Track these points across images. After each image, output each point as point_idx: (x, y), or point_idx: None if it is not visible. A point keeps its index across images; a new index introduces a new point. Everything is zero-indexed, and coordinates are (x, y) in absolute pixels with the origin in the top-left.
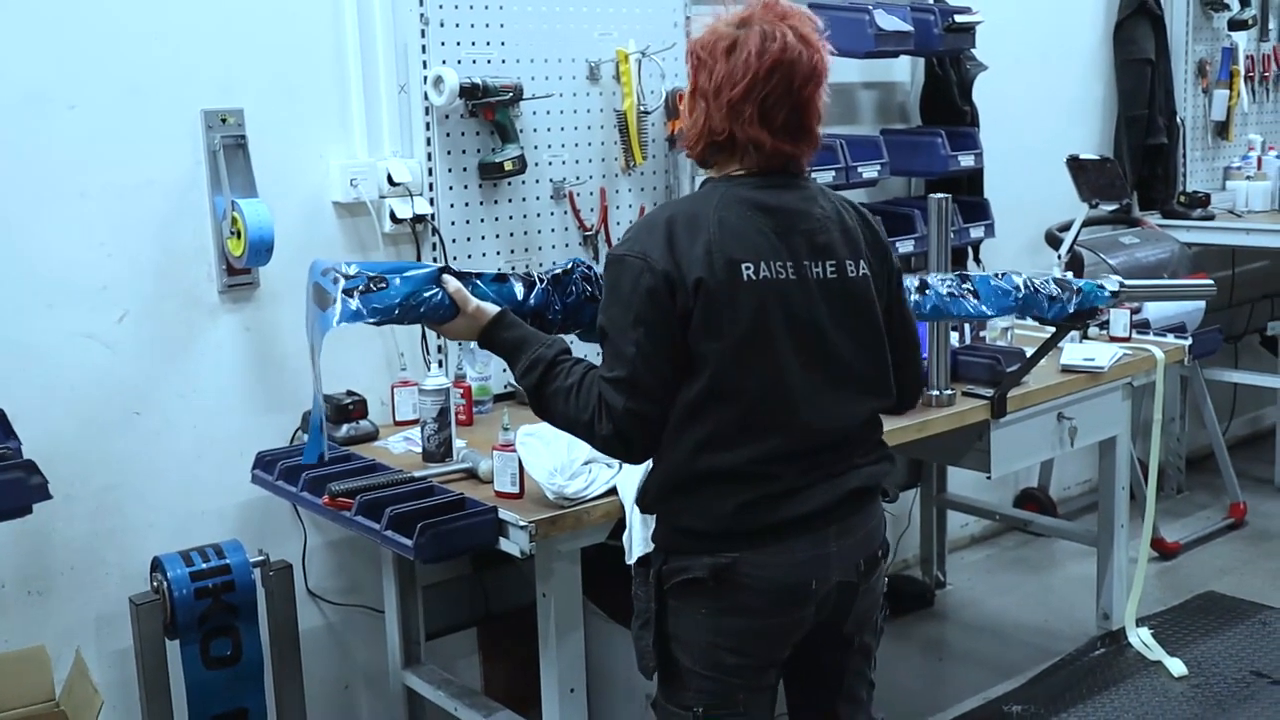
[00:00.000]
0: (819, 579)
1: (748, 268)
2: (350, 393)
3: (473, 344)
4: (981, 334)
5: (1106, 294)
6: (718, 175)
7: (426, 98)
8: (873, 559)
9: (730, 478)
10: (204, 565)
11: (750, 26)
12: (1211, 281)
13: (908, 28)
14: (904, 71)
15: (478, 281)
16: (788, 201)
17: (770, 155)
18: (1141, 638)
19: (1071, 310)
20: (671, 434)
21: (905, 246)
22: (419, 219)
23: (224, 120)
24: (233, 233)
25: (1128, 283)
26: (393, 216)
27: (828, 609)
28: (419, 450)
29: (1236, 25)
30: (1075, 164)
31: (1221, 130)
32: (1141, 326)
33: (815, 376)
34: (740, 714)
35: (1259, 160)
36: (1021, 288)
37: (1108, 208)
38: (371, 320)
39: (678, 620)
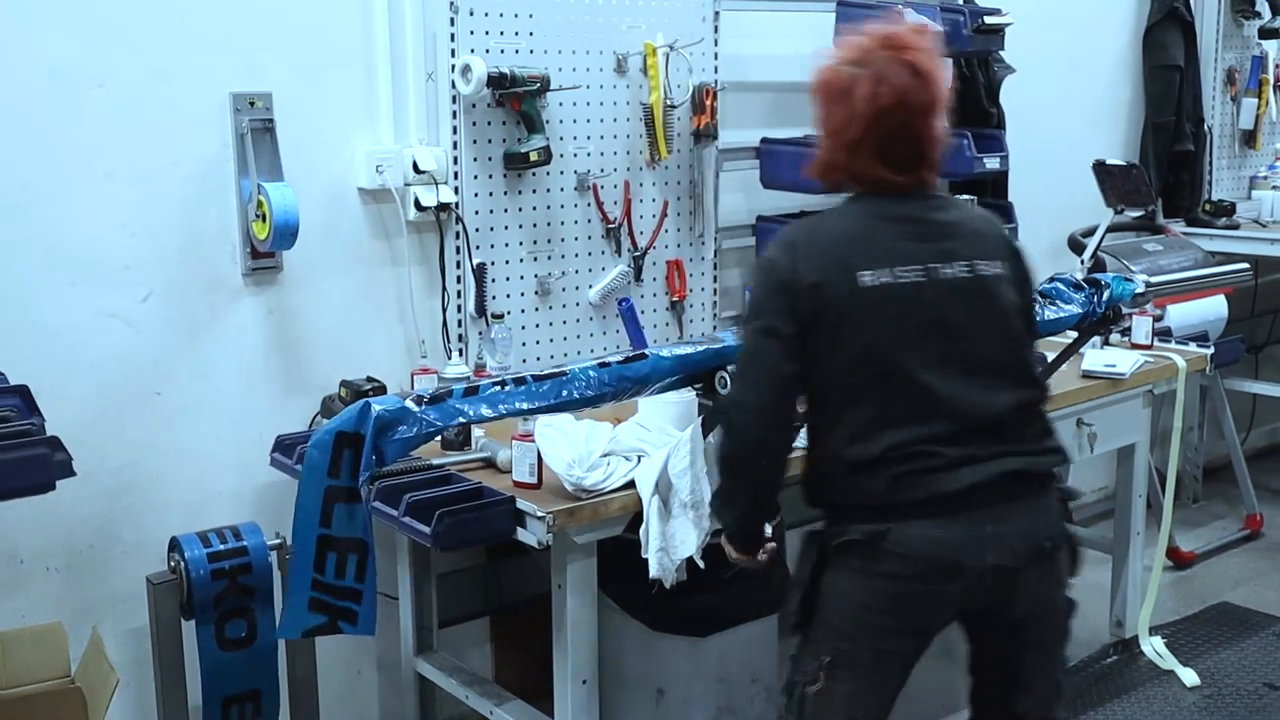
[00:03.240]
0: (970, 558)
1: (867, 275)
2: (370, 379)
3: (494, 332)
4: None
5: (1134, 288)
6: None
7: (454, 86)
8: (1037, 548)
9: (879, 463)
10: (221, 546)
11: (867, 66)
12: (1247, 265)
13: (937, 28)
14: None
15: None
16: (917, 212)
17: (891, 186)
18: (1154, 647)
19: (1100, 309)
20: (818, 432)
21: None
22: (443, 207)
23: (252, 103)
24: (258, 216)
25: (1154, 280)
26: (417, 204)
27: (984, 591)
28: (438, 438)
29: (1267, 33)
30: (1101, 169)
31: (1249, 139)
32: (1163, 334)
33: (951, 369)
34: (862, 673)
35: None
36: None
37: (1132, 214)
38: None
39: (834, 578)
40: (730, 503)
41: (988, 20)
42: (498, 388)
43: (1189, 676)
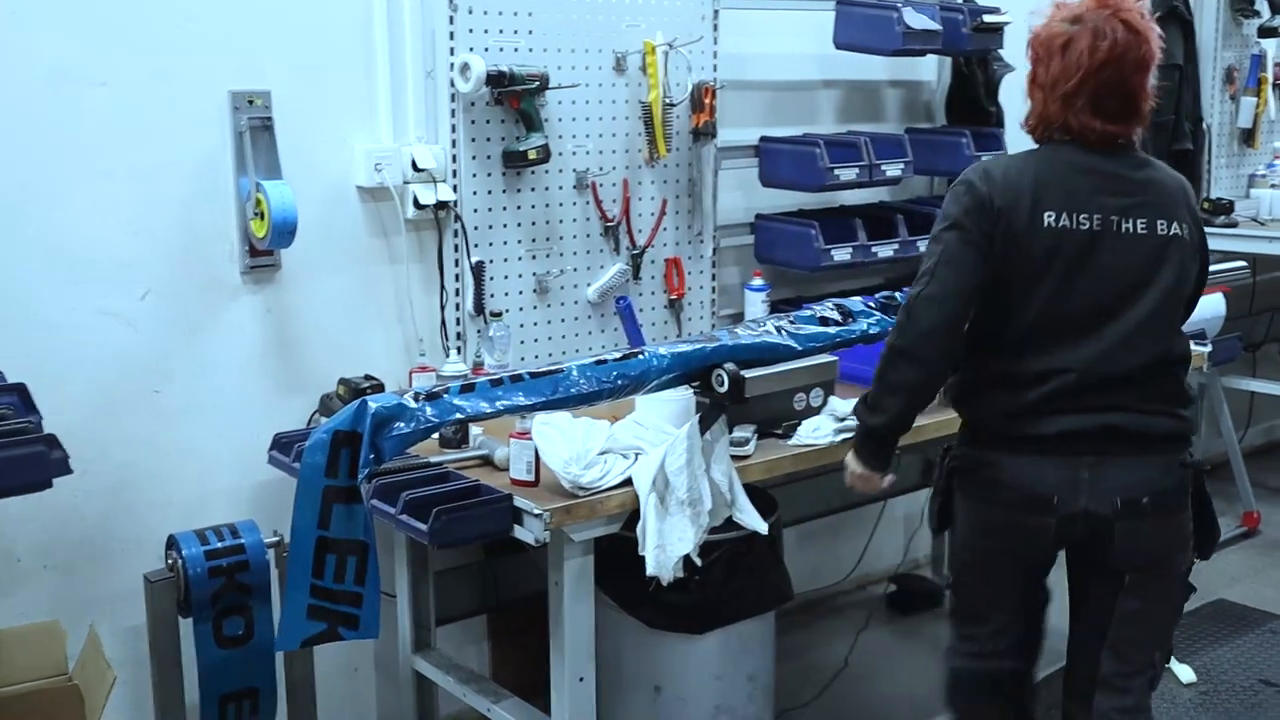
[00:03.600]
0: (1063, 497)
1: (1049, 215)
2: (368, 377)
3: (492, 330)
4: None
5: None
6: (1033, 133)
7: (453, 84)
8: (1134, 503)
9: (1004, 385)
10: (219, 544)
11: (1083, 23)
12: (1245, 263)
13: (936, 26)
14: (930, 70)
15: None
16: (1108, 166)
17: (1101, 136)
18: None
19: None
20: (975, 343)
21: (925, 245)
22: (442, 205)
23: (251, 101)
24: (256, 214)
25: None
26: (416, 202)
27: (1076, 532)
28: (435, 436)
29: (1267, 32)
30: None
31: (1248, 137)
32: None
33: (1097, 319)
34: (984, 580)
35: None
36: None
37: None
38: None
39: (958, 496)
40: (881, 403)
41: (986, 19)
42: (495, 384)
43: (1185, 673)
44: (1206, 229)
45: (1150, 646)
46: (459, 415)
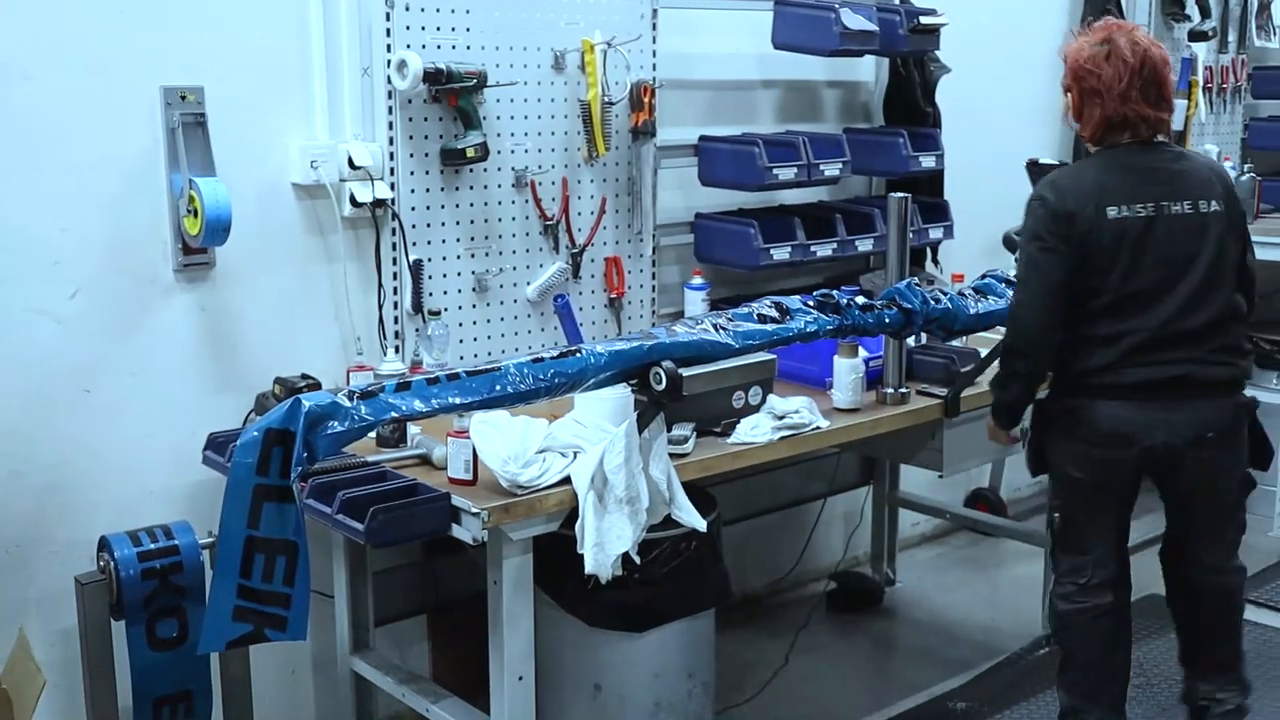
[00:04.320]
0: (1142, 433)
1: (1111, 209)
2: (305, 376)
3: (430, 329)
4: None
5: None
6: (1101, 148)
7: (389, 81)
8: (1200, 437)
9: (1091, 346)
10: (152, 546)
11: (1112, 40)
12: None
13: (873, 27)
14: (868, 71)
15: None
16: (1152, 161)
17: (1153, 124)
18: None
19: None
20: (1072, 318)
21: (865, 245)
22: (379, 203)
23: (184, 97)
24: (189, 211)
25: None
26: (353, 200)
27: (1157, 463)
28: (373, 435)
29: (1197, 36)
30: (1035, 168)
31: (1179, 139)
32: None
33: (1164, 288)
34: (1081, 511)
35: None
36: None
37: None
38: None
39: (1047, 439)
40: (1008, 384)
41: (923, 20)
42: (431, 383)
43: None
44: None
45: (1228, 530)
46: (394, 414)
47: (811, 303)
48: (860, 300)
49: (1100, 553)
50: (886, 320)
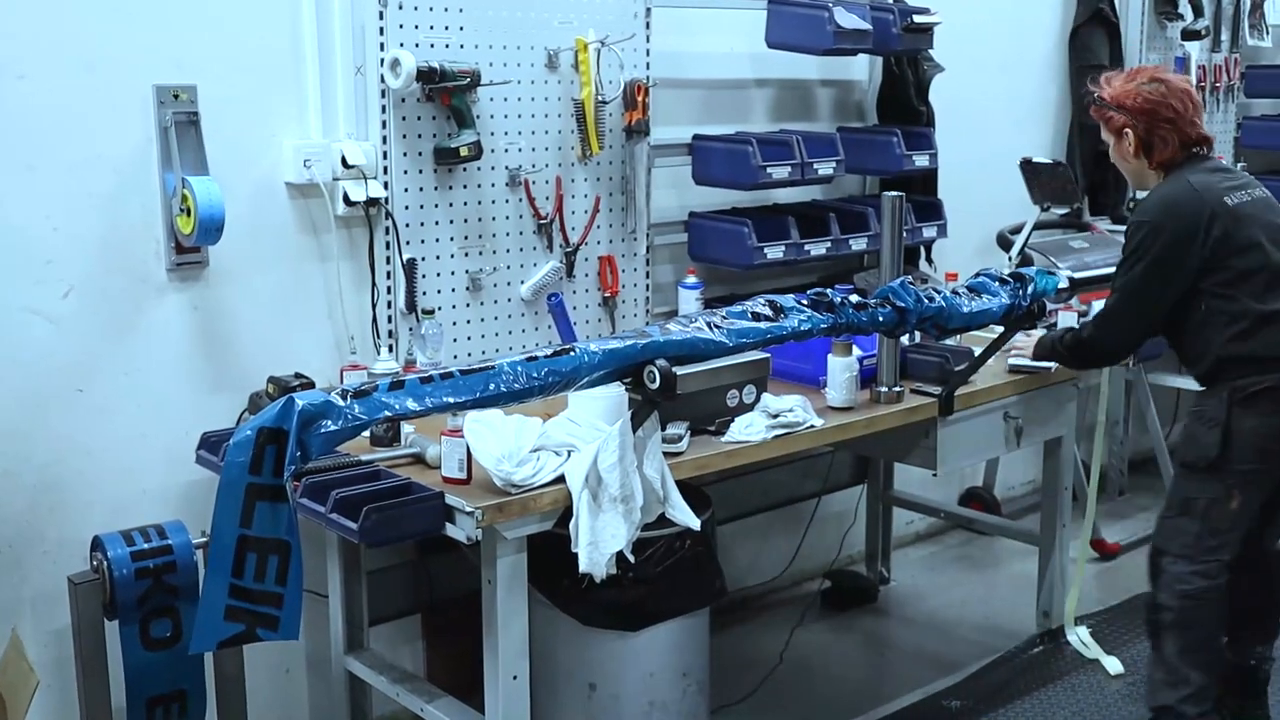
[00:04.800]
0: None
1: (1228, 198)
2: (299, 375)
3: (424, 328)
4: None
5: (1057, 282)
6: (1168, 169)
7: (383, 80)
8: None
9: (1270, 321)
10: (145, 545)
11: (1163, 79)
12: None
13: (867, 26)
14: (862, 70)
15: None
16: (1214, 166)
17: (1210, 141)
18: (1080, 636)
19: (1025, 303)
20: (1232, 302)
21: (858, 244)
22: (372, 202)
23: (176, 96)
24: (182, 210)
25: (1077, 275)
26: (346, 199)
27: None
28: (367, 434)
29: (1189, 35)
30: (1028, 167)
31: None
32: None
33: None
34: (1253, 490)
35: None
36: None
37: (1059, 211)
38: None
39: (1241, 420)
40: (1079, 363)
41: (917, 19)
42: (425, 382)
43: (1113, 665)
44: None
45: None
46: (388, 413)
47: (805, 301)
48: (854, 299)
49: (1241, 533)
50: (880, 319)
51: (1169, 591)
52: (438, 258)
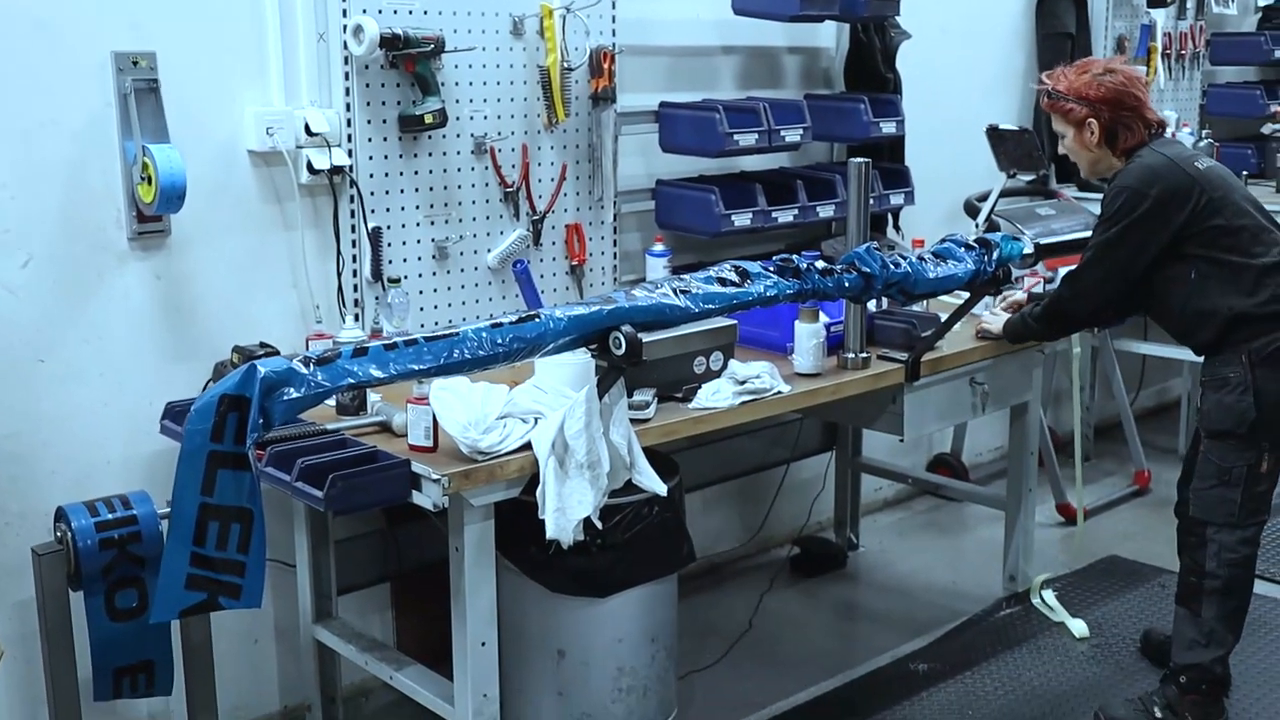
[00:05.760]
0: None
1: (1198, 164)
2: (264, 344)
3: (390, 297)
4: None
5: (1022, 248)
6: (1130, 154)
7: (346, 47)
8: None
9: (1265, 275)
10: (109, 516)
11: (1117, 69)
12: None
13: None
14: (829, 37)
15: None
16: (1169, 141)
17: (1164, 124)
18: (1046, 599)
19: (990, 269)
20: (1229, 266)
21: (825, 211)
22: (336, 170)
23: (135, 63)
24: (143, 178)
25: (1043, 241)
26: (310, 167)
27: None
28: (332, 403)
29: (1155, 3)
30: (994, 134)
31: None
32: None
33: (1262, 213)
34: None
35: (1173, 136)
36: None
37: (1025, 178)
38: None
39: (1267, 381)
40: (1052, 332)
41: None
42: (389, 349)
43: (1079, 627)
44: (1099, 195)
45: None
46: (351, 380)
47: (771, 267)
48: (820, 265)
49: (1273, 490)
50: (846, 284)
51: (1217, 560)
52: (403, 226)
